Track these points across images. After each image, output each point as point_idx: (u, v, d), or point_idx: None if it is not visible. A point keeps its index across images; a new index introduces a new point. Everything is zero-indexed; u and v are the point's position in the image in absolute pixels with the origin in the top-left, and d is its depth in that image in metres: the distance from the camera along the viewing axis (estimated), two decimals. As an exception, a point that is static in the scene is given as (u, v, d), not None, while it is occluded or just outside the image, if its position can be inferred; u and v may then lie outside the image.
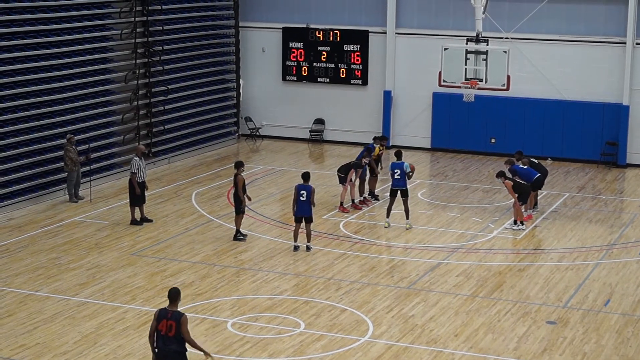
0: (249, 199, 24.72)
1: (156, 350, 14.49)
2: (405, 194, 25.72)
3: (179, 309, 14.56)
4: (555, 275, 22.29)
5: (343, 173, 27.40)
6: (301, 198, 23.33)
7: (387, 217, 25.94)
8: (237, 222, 24.49)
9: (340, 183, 27.58)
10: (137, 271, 22.12)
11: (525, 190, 25.93)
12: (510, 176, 26.25)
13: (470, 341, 18.39)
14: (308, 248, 23.71)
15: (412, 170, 26.00)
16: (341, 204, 27.44)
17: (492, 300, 20.64)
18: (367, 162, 27.62)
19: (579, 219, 27.34)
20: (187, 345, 14.50)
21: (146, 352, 17.45)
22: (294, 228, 23.88)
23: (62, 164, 27.95)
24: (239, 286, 21.22)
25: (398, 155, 26.21)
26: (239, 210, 24.29)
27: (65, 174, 27.95)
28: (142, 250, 23.73)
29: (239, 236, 24.47)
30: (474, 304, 20.35)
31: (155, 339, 14.48)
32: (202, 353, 14.61)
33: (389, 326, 19.03)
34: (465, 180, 31.62)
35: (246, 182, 25.55)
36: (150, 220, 25.89)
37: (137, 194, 25.62)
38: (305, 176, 23.66)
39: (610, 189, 31.08)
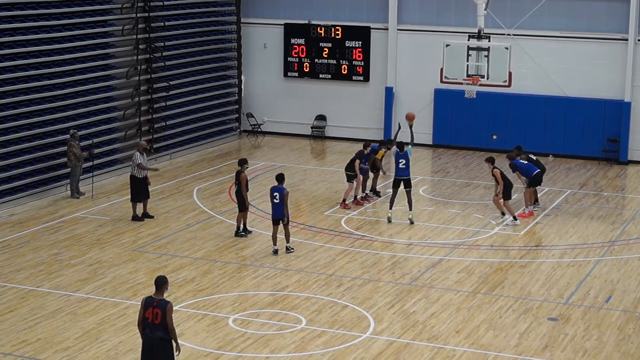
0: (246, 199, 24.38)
1: (143, 336, 14.72)
2: (408, 185, 25.76)
3: (164, 297, 14.69)
4: (556, 272, 22.29)
5: (351, 171, 27.36)
6: (275, 200, 22.79)
7: (390, 208, 25.95)
8: (239, 219, 24.48)
9: (348, 181, 27.53)
10: (138, 267, 22.13)
11: (509, 185, 25.92)
12: (506, 171, 26.34)
13: (472, 338, 18.39)
14: (287, 249, 23.23)
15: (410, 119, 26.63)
16: (343, 200, 27.44)
17: (493, 296, 20.65)
18: (367, 151, 27.63)
19: (580, 215, 27.34)
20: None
21: (147, 348, 17.48)
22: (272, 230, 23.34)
23: (63, 159, 27.96)
24: (241, 282, 21.23)
25: (401, 147, 26.19)
26: (243, 207, 24.27)
27: (67, 170, 27.96)
28: (144, 246, 23.74)
29: (240, 232, 24.47)
30: (476, 301, 20.36)
31: (143, 326, 14.70)
32: (175, 345, 14.70)
33: (390, 322, 19.04)
34: (466, 177, 31.61)
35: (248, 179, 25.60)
36: (151, 217, 25.89)
37: (137, 190, 25.59)
38: (279, 178, 23.11)
39: (611, 186, 31.08)
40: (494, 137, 35.08)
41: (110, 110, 31.10)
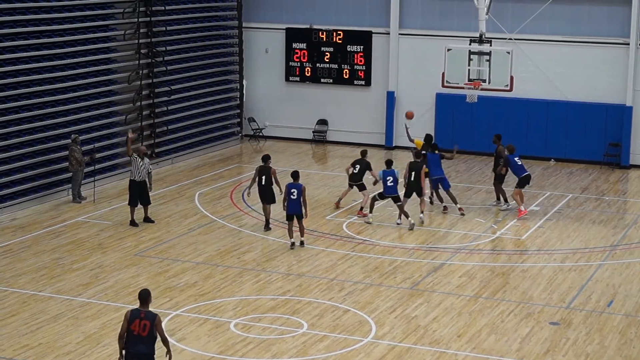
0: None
1: (124, 351, 14.46)
2: (397, 200, 26.01)
3: (150, 310, 14.58)
4: (558, 276, 22.29)
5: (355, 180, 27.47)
6: (292, 196, 23.65)
7: (370, 212, 26.35)
8: (269, 212, 25.46)
9: (360, 191, 27.66)
10: (140, 271, 22.13)
11: (410, 187, 26.13)
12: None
13: (473, 342, 18.38)
14: (302, 243, 23.98)
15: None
16: (361, 209, 27.38)
17: (495, 301, 20.64)
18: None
19: (582, 219, 27.34)
20: (157, 343, 14.48)
21: (149, 353, 17.48)
22: (287, 226, 24.12)
23: (65, 164, 27.97)
24: (242, 286, 21.23)
25: (388, 164, 26.33)
26: (272, 200, 25.25)
27: (69, 174, 27.97)
28: (146, 250, 23.75)
29: (269, 226, 25.35)
30: (477, 305, 20.35)
31: (125, 339, 14.46)
32: (167, 355, 14.59)
33: (392, 327, 19.03)
34: (468, 181, 31.61)
35: (250, 184, 25.90)
36: (152, 221, 25.85)
37: (134, 194, 25.43)
38: (295, 175, 24.03)
39: (613, 190, 31.08)
40: (496, 141, 35.04)
41: (111, 115, 31.12)
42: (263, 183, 25.27)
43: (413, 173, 26.07)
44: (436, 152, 27.48)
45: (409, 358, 17.62)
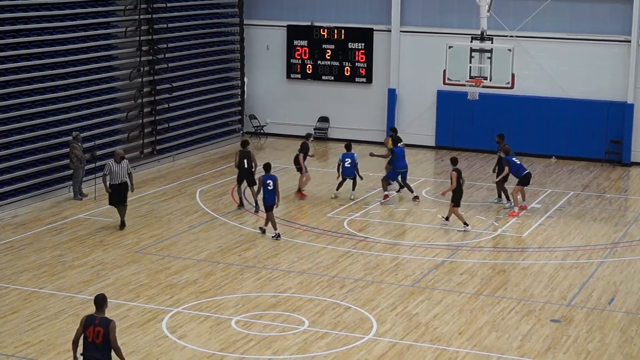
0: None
1: (80, 357, 14.19)
2: (352, 178, 28.00)
3: (106, 316, 14.31)
4: (559, 274, 22.28)
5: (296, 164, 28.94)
6: (268, 187, 24.28)
7: (337, 190, 28.18)
8: (255, 194, 26.30)
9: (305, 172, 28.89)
10: (140, 269, 22.13)
11: (460, 192, 25.60)
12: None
13: (474, 339, 18.38)
14: (263, 231, 24.80)
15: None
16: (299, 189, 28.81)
17: (496, 298, 20.64)
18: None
19: (583, 217, 27.33)
20: (112, 352, 14.15)
21: (150, 350, 17.49)
22: (267, 218, 24.71)
23: (66, 161, 27.99)
24: (243, 284, 21.24)
25: (348, 147, 28.24)
26: (255, 181, 26.38)
27: (70, 172, 27.97)
28: (146, 247, 23.75)
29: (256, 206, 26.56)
30: (478, 302, 20.35)
31: (82, 346, 14.18)
32: None
33: (393, 324, 19.03)
34: (469, 179, 31.56)
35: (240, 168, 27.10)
36: (124, 226, 25.16)
37: (113, 196, 25.13)
38: (268, 167, 24.84)
39: (614, 187, 31.06)
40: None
41: (113, 112, 31.13)
42: (246, 166, 26.57)
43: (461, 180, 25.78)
44: (400, 145, 28.33)
45: (410, 355, 17.62)
